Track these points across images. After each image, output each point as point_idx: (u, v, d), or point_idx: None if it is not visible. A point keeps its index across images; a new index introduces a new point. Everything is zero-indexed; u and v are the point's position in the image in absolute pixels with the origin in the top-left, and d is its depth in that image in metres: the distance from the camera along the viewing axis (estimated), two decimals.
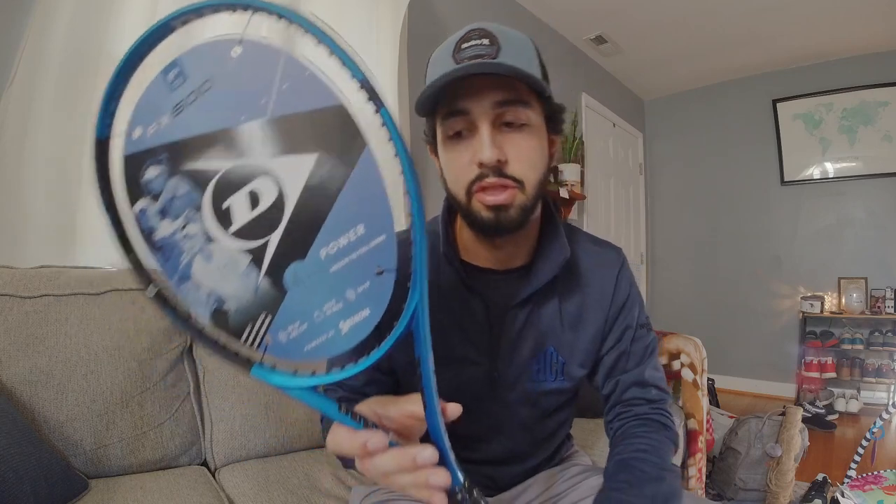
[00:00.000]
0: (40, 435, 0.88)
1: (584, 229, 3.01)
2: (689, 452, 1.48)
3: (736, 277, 3.67)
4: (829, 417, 2.79)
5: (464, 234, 0.66)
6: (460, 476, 0.36)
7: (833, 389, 3.08)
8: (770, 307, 3.54)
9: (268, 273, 0.33)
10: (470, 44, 0.54)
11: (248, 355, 0.34)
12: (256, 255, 0.33)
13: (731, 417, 2.06)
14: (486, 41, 0.53)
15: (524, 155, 0.56)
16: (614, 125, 3.66)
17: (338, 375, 0.34)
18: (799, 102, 3.41)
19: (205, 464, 1.12)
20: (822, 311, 3.21)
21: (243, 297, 0.33)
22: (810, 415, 2.70)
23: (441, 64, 0.55)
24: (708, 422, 1.69)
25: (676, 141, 4.00)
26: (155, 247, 0.33)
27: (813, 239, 3.42)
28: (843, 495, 1.51)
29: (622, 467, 0.62)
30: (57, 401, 0.92)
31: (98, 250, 1.19)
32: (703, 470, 1.52)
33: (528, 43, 0.57)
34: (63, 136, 1.15)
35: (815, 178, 3.40)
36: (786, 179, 3.49)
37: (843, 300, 3.22)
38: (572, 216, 2.99)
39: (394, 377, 0.67)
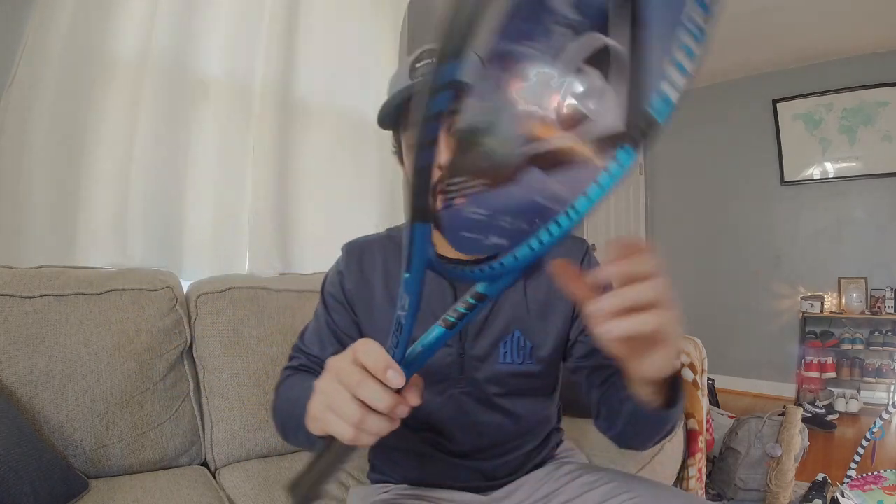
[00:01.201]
0: (40, 435, 0.88)
1: (584, 229, 3.01)
2: (689, 452, 1.48)
3: (736, 277, 3.67)
4: (829, 417, 2.79)
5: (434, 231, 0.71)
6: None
7: (833, 389, 3.08)
8: (770, 307, 3.53)
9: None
10: (422, 63, 0.65)
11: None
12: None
13: (731, 417, 2.06)
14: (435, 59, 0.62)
15: None
16: None
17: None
18: (799, 102, 3.41)
19: (205, 464, 1.12)
20: (822, 311, 3.21)
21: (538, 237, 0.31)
22: (810, 415, 2.70)
23: (398, 83, 0.67)
24: (708, 422, 1.69)
25: (676, 141, 3.99)
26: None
27: (813, 239, 3.41)
28: (843, 495, 1.51)
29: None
30: (57, 401, 0.92)
31: (98, 250, 1.19)
32: (703, 470, 1.52)
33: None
34: (63, 136, 1.15)
35: (815, 178, 3.40)
36: (786, 179, 3.49)
37: (843, 300, 3.22)
38: None
39: None
